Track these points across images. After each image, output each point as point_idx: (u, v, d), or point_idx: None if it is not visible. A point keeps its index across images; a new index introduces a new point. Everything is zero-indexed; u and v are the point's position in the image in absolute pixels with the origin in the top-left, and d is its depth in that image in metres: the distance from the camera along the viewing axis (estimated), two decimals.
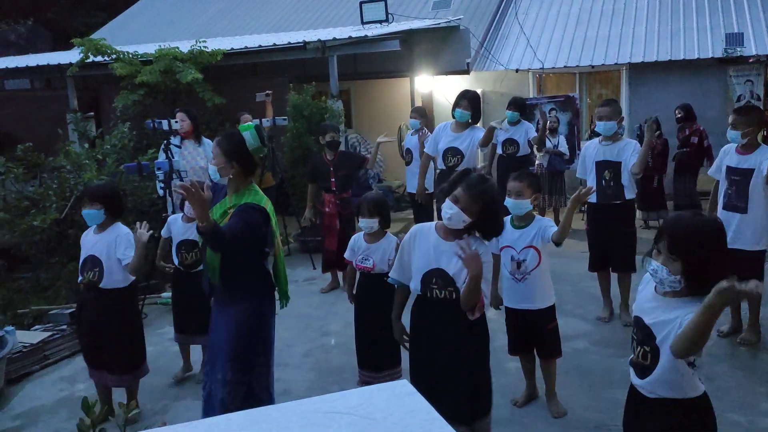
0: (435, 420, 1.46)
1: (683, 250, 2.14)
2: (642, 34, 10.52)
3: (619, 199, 4.97)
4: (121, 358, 3.88)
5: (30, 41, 17.04)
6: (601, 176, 4.97)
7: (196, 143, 6.48)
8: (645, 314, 2.32)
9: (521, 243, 3.60)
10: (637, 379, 2.37)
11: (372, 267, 4.04)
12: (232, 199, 3.23)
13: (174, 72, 8.10)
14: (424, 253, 2.94)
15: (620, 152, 4.90)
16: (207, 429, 1.50)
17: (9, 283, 7.04)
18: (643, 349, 2.30)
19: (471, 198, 2.80)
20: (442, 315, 2.92)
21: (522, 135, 7.19)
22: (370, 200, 4.09)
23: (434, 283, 2.89)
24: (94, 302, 3.86)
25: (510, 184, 3.61)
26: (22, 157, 6.93)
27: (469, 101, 5.69)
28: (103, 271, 3.80)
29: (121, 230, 3.88)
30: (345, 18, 12.85)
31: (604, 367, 4.29)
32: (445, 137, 5.80)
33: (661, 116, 8.61)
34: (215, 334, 3.28)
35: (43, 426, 4.00)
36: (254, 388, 3.20)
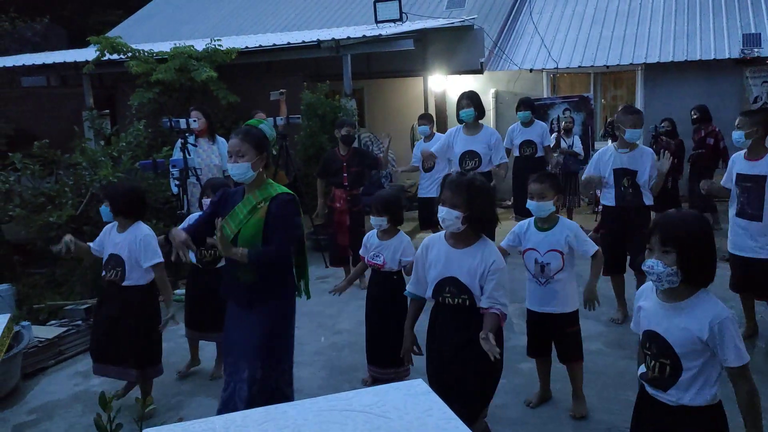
0: (450, 419, 1.47)
1: (675, 241, 2.19)
2: (658, 35, 10.44)
3: (638, 205, 4.95)
4: (135, 352, 3.91)
5: (46, 39, 17.19)
6: (619, 183, 4.95)
7: (211, 141, 6.53)
8: (656, 326, 2.31)
9: (545, 246, 3.57)
10: (654, 391, 2.34)
11: (382, 264, 4.08)
12: (256, 194, 3.13)
13: (189, 70, 8.14)
14: (436, 263, 2.98)
15: (637, 161, 4.90)
16: (224, 425, 1.51)
17: (25, 278, 7.11)
18: (659, 363, 2.29)
19: (454, 193, 2.84)
20: (455, 322, 2.94)
21: (537, 134, 7.17)
22: (378, 199, 4.12)
23: (447, 291, 2.92)
24: (115, 298, 3.92)
25: (531, 187, 3.58)
26: (39, 153, 7.00)
27: (469, 99, 5.69)
28: (125, 270, 3.86)
29: (141, 231, 3.90)
30: (359, 17, 12.86)
31: (617, 369, 4.27)
32: (459, 141, 5.77)
33: (677, 117, 8.56)
34: (240, 334, 3.19)
35: (59, 420, 4.04)
36: (281, 385, 3.20)
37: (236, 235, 3.09)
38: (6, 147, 8.66)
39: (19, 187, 6.85)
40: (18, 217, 6.62)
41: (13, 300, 6.12)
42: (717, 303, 2.25)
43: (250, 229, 3.07)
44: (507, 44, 11.19)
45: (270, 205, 3.08)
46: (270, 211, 3.07)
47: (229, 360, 3.27)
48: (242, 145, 3.07)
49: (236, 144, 3.08)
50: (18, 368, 4.53)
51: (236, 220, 3.11)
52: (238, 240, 3.09)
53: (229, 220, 3.12)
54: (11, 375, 4.41)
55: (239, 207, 3.13)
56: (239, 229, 3.10)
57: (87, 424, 3.90)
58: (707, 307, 2.22)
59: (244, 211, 3.10)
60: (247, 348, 3.15)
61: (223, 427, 1.50)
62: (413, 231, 8.82)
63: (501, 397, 3.75)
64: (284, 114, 7.44)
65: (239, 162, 3.06)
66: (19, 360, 4.52)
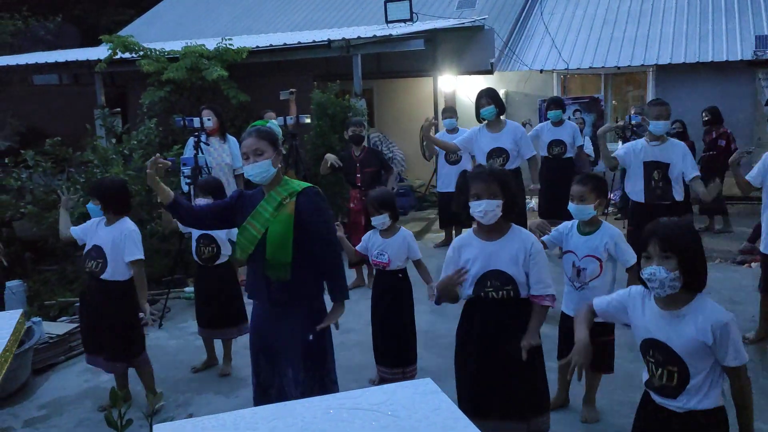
0: (459, 418, 1.47)
1: (675, 246, 2.21)
2: (670, 36, 10.39)
3: (668, 200, 4.88)
4: (116, 345, 3.97)
5: (59, 37, 17.32)
6: (650, 177, 4.88)
7: (222, 140, 6.57)
8: (659, 334, 2.31)
9: (584, 250, 3.48)
10: (661, 399, 2.34)
11: (387, 263, 4.08)
12: (279, 191, 2.96)
13: (200, 69, 8.18)
14: (474, 260, 2.88)
15: (669, 153, 4.84)
16: (234, 421, 1.52)
17: (36, 275, 7.18)
18: (666, 371, 2.29)
19: (486, 183, 2.80)
20: (497, 316, 2.87)
21: (569, 135, 7.09)
22: (373, 198, 4.13)
23: (489, 285, 2.85)
24: (95, 291, 3.97)
25: (573, 188, 3.48)
26: (51, 151, 7.06)
27: (488, 96, 5.63)
28: (106, 263, 3.88)
29: (126, 227, 3.94)
30: (369, 17, 12.87)
31: (626, 372, 4.24)
32: (484, 139, 5.69)
33: (688, 119, 8.51)
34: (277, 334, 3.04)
35: (68, 416, 4.07)
36: (326, 383, 3.09)
37: (264, 234, 2.93)
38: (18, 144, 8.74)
39: (31, 184, 6.91)
40: (30, 214, 6.68)
41: (24, 296, 6.17)
42: (717, 307, 2.27)
43: (279, 225, 2.90)
44: (517, 45, 11.17)
45: (298, 200, 2.93)
46: (299, 205, 2.92)
47: (261, 362, 3.11)
48: (259, 143, 2.91)
49: (253, 143, 2.92)
50: (29, 364, 4.57)
51: (261, 219, 2.94)
52: (267, 239, 2.92)
53: (253, 220, 2.96)
54: (22, 370, 4.45)
55: (262, 206, 2.96)
56: (266, 227, 2.93)
57: (96, 420, 3.93)
58: (708, 312, 2.24)
59: (269, 209, 2.94)
60: (288, 349, 3.02)
61: (233, 423, 1.51)
62: (422, 231, 8.83)
63: None
64: (294, 113, 7.46)
65: (259, 161, 2.90)
66: (29, 356, 4.56)
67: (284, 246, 2.90)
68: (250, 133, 2.98)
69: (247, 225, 2.97)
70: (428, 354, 4.39)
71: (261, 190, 3.04)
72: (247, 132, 3.02)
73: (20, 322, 2.41)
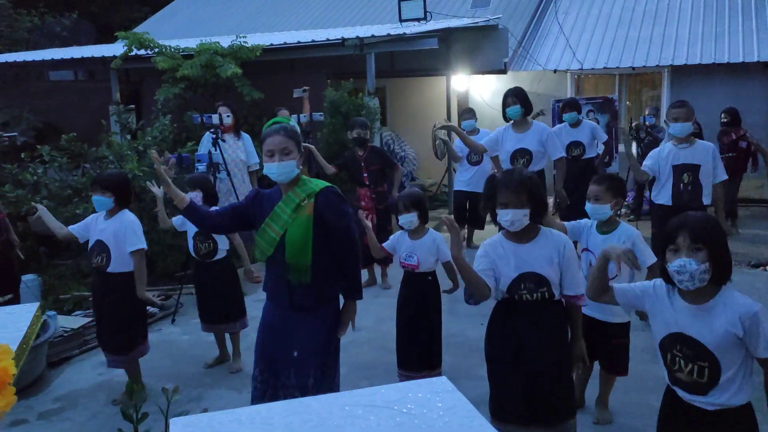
0: (475, 417, 1.47)
1: (706, 238, 2.21)
2: (685, 36, 10.31)
3: (696, 204, 4.78)
4: (117, 339, 4.03)
5: (74, 34, 17.44)
6: (679, 180, 4.83)
7: (236, 137, 6.62)
8: (688, 328, 2.29)
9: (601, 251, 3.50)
10: (691, 395, 2.32)
11: (417, 265, 4.00)
12: (297, 192, 2.92)
13: (214, 66, 8.21)
14: (506, 263, 2.85)
15: (699, 155, 4.79)
16: (249, 417, 1.53)
17: (51, 269, 7.23)
18: (696, 366, 2.26)
19: (516, 193, 2.78)
20: (530, 318, 2.85)
21: (587, 135, 7.05)
22: (405, 196, 4.10)
23: (523, 287, 2.83)
24: (101, 285, 4.03)
25: (590, 188, 3.49)
26: (66, 147, 7.11)
27: (515, 96, 5.58)
28: (110, 256, 3.93)
29: (127, 218, 4.00)
30: (383, 15, 12.87)
31: (639, 373, 4.23)
32: (509, 140, 5.66)
33: (703, 120, 8.44)
34: (285, 338, 2.99)
35: (82, 409, 4.11)
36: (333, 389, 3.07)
37: (282, 236, 2.88)
38: (34, 140, 8.81)
39: (47, 179, 6.97)
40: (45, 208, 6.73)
41: (39, 290, 6.23)
42: (744, 298, 2.26)
43: (299, 228, 2.86)
44: (531, 44, 11.12)
45: (317, 201, 2.89)
46: (318, 207, 2.88)
47: (263, 365, 3.04)
48: (288, 142, 2.86)
49: (282, 141, 2.86)
50: (43, 357, 4.62)
51: (280, 221, 2.89)
52: (286, 241, 2.87)
53: (271, 222, 2.91)
54: (37, 363, 4.49)
55: (280, 207, 2.91)
56: (285, 229, 2.88)
57: (110, 414, 3.96)
58: (736, 304, 2.23)
59: (287, 211, 2.89)
60: (298, 354, 2.95)
61: (249, 419, 1.51)
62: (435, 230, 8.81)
63: None
64: (308, 111, 7.48)
65: (285, 160, 2.85)
66: (44, 349, 4.61)
67: (304, 248, 2.86)
68: (278, 131, 2.90)
69: (266, 227, 2.93)
70: (447, 355, 4.38)
71: (278, 189, 3.00)
72: (274, 129, 2.92)
73: (37, 315, 2.44)
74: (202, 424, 1.51)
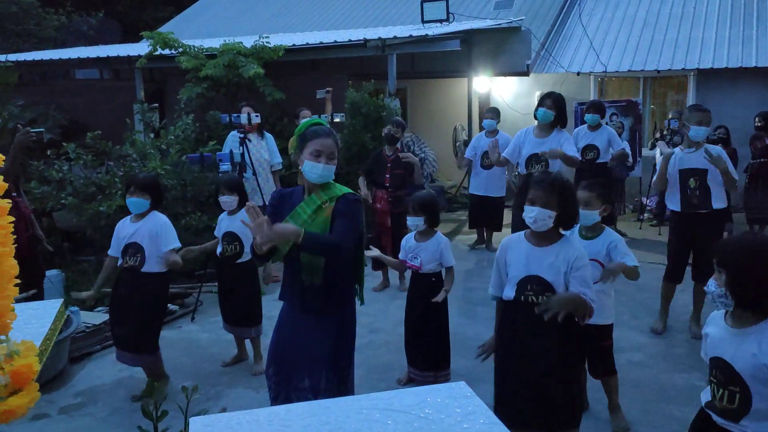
0: (494, 424, 1.46)
1: (725, 262, 2.17)
2: (712, 39, 10.16)
3: (706, 208, 4.74)
4: (144, 337, 4.08)
5: (101, 33, 17.70)
6: (685, 185, 4.75)
7: (260, 137, 6.69)
8: (723, 353, 2.23)
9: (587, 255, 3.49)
10: (724, 420, 2.25)
11: (420, 266, 4.08)
12: (321, 194, 2.94)
13: (237, 66, 8.28)
14: (517, 262, 2.91)
15: (703, 159, 4.69)
16: (268, 417, 1.54)
17: (74, 265, 7.34)
18: (728, 392, 2.20)
19: (546, 192, 2.78)
20: (535, 321, 2.81)
21: (603, 140, 6.98)
22: (416, 199, 4.13)
23: (529, 289, 2.85)
24: (131, 283, 4.07)
25: (579, 193, 3.47)
26: (91, 144, 7.20)
27: (554, 101, 5.43)
28: (145, 257, 4.00)
29: (160, 219, 4.07)
30: (405, 16, 12.87)
31: (660, 382, 4.18)
32: (528, 143, 5.54)
33: (730, 125, 8.32)
34: (299, 340, 2.99)
35: (102, 404, 4.16)
36: (344, 393, 3.02)
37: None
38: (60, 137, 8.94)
39: (72, 176, 7.06)
40: (70, 205, 6.83)
41: (62, 285, 6.32)
42: None
43: (316, 228, 2.87)
44: (554, 46, 11.04)
45: (337, 204, 2.91)
46: (336, 209, 2.91)
47: (276, 367, 3.05)
48: (335, 148, 2.92)
49: (332, 146, 2.91)
50: (66, 352, 4.68)
51: (299, 221, 2.90)
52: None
53: (291, 220, 2.92)
54: (59, 358, 4.56)
55: (302, 207, 2.95)
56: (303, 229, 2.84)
57: (130, 410, 4.01)
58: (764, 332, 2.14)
59: (308, 211, 2.93)
60: (310, 357, 2.96)
61: (268, 420, 1.52)
62: (453, 232, 8.80)
63: None
64: (329, 112, 7.50)
65: (330, 164, 2.90)
66: (66, 344, 4.67)
67: None
68: (329, 135, 2.94)
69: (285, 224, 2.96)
70: (458, 357, 4.37)
71: (301, 190, 3.01)
72: (325, 131, 2.94)
73: (60, 311, 2.47)
74: (221, 424, 1.52)
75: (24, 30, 15.58)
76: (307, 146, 2.92)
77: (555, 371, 2.83)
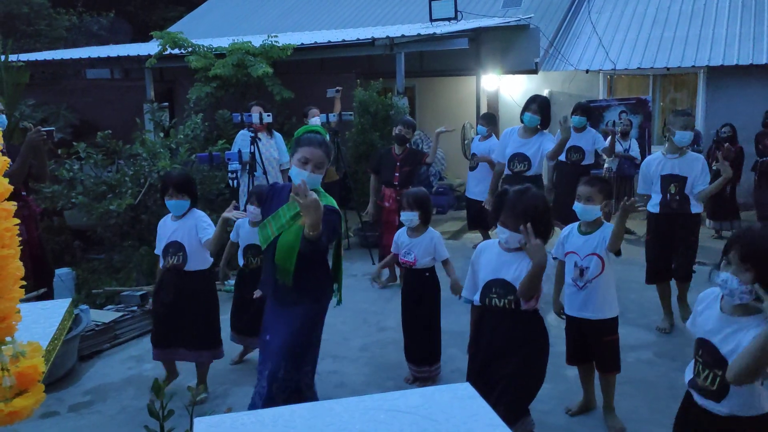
0: (497, 426, 1.46)
1: (755, 259, 2.11)
2: (722, 36, 10.08)
3: (685, 212, 4.79)
4: (201, 335, 4.06)
5: (111, 33, 17.81)
6: (666, 190, 4.79)
7: (269, 136, 6.72)
8: (713, 336, 2.25)
9: (585, 250, 3.52)
10: (704, 401, 2.30)
11: (413, 261, 4.12)
12: None
13: (246, 66, 8.30)
14: (487, 265, 3.02)
15: (688, 167, 4.72)
16: (272, 418, 1.54)
17: (84, 263, 7.40)
18: (712, 373, 2.24)
19: (516, 218, 2.86)
20: (499, 325, 2.94)
21: (588, 142, 6.99)
22: (410, 194, 4.18)
23: (494, 292, 2.94)
24: (176, 284, 4.02)
25: (580, 189, 3.52)
26: (102, 143, 7.26)
27: (539, 106, 5.59)
28: (187, 255, 3.97)
29: (199, 214, 4.07)
30: (413, 15, 12.85)
31: (669, 381, 4.16)
32: (512, 143, 5.71)
33: (740, 123, 8.26)
34: (273, 334, 3.18)
35: (112, 402, 4.19)
36: (300, 386, 3.18)
37: (276, 238, 3.04)
38: (71, 136, 9.01)
39: (82, 175, 7.12)
40: (80, 204, 6.89)
41: (73, 284, 6.37)
42: None
43: (290, 235, 2.99)
44: (563, 44, 10.99)
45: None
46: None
47: (260, 357, 3.29)
48: (324, 159, 3.03)
49: (321, 156, 3.01)
50: (75, 350, 4.71)
51: (278, 223, 3.05)
52: (278, 243, 3.03)
53: (272, 221, 3.07)
54: (69, 357, 4.59)
55: (283, 210, 3.07)
56: (280, 233, 3.04)
57: (138, 408, 4.03)
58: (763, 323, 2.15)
59: (287, 216, 3.04)
60: (273, 346, 3.15)
61: (272, 420, 1.53)
62: (460, 231, 8.79)
63: (545, 403, 3.71)
64: (338, 111, 7.52)
65: (316, 173, 3.02)
66: (76, 342, 4.71)
67: (290, 255, 3.01)
68: (320, 145, 3.03)
69: (267, 223, 3.10)
70: (463, 355, 4.37)
71: (290, 188, 3.09)
72: (317, 141, 3.03)
73: (68, 311, 2.49)
74: (226, 425, 1.53)
75: (35, 30, 15.70)
76: (297, 152, 3.03)
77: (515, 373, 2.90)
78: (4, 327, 1.28)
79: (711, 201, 7.30)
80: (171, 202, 3.97)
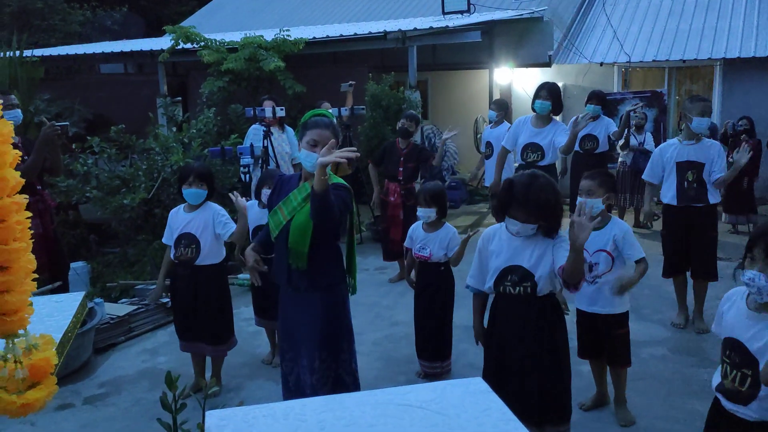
0: (510, 420, 1.45)
1: None
2: (739, 28, 9.93)
3: (702, 203, 4.68)
4: (216, 330, 4.08)
5: (124, 28, 17.88)
6: (683, 178, 4.68)
7: (281, 130, 6.73)
8: (741, 335, 2.20)
9: (594, 245, 3.48)
10: (732, 405, 2.24)
11: (429, 256, 4.12)
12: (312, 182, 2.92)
13: (258, 60, 8.31)
14: (499, 252, 2.92)
15: (705, 153, 4.63)
16: (284, 412, 1.54)
17: (99, 257, 7.46)
18: (740, 374, 2.18)
19: (526, 209, 2.77)
20: (516, 312, 2.87)
21: (602, 130, 6.96)
22: (427, 190, 4.16)
23: (509, 279, 2.86)
24: (188, 278, 4.02)
25: (582, 182, 3.48)
26: (115, 138, 7.30)
27: (549, 91, 5.52)
28: (200, 248, 3.95)
29: (215, 207, 4.03)
30: (426, 8, 12.78)
31: (683, 377, 4.13)
32: (525, 132, 5.65)
33: (756, 116, 8.15)
34: (294, 322, 3.16)
35: (126, 395, 4.22)
36: (341, 374, 3.15)
37: (288, 222, 3.02)
38: (85, 131, 9.06)
39: (97, 169, 7.17)
40: (94, 198, 6.93)
41: (88, 277, 6.42)
42: None
43: (303, 216, 2.97)
44: (577, 37, 10.88)
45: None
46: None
47: (285, 346, 3.24)
48: (332, 138, 2.93)
49: (329, 136, 2.93)
50: (90, 343, 4.76)
51: (290, 207, 3.03)
52: (291, 226, 3.01)
53: (283, 206, 3.05)
54: (84, 349, 4.63)
55: (294, 194, 3.05)
56: (293, 216, 3.02)
57: (152, 400, 4.06)
58: None
59: (299, 198, 3.03)
60: (301, 335, 3.11)
61: (283, 414, 1.53)
62: (474, 224, 8.76)
63: None
64: (350, 104, 7.50)
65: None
66: (91, 335, 4.75)
67: (304, 236, 2.98)
68: (328, 126, 3.03)
69: (278, 209, 3.08)
70: (476, 350, 4.35)
71: (299, 176, 3.13)
72: (324, 123, 3.03)
73: (82, 304, 2.50)
74: (237, 418, 1.53)
75: (49, 25, 15.79)
76: (306, 135, 3.02)
77: (535, 362, 2.82)
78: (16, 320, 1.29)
79: (727, 194, 7.21)
80: (190, 191, 3.95)
